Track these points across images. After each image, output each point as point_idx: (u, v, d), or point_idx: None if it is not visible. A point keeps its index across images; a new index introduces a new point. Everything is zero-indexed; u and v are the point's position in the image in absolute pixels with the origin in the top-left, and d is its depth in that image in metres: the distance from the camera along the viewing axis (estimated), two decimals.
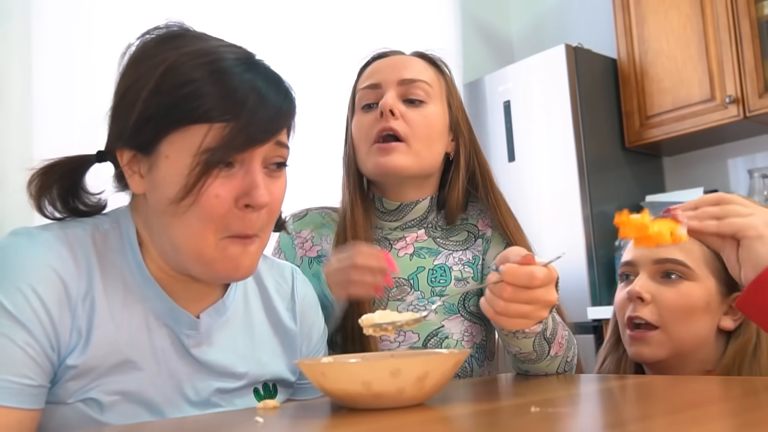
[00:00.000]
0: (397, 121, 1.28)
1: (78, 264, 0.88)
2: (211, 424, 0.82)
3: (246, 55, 0.92)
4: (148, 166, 0.89)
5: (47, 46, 2.13)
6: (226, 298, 1.01)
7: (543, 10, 4.05)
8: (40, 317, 0.83)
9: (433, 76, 1.36)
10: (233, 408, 0.99)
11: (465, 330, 1.30)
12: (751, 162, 3.26)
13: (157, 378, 0.92)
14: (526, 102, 3.30)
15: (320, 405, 0.93)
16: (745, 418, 0.71)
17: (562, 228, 3.08)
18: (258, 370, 1.02)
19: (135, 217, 0.95)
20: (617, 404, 0.90)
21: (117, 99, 0.91)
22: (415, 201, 1.36)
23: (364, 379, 0.79)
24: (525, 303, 0.95)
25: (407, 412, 0.79)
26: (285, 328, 1.08)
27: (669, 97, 3.16)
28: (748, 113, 2.92)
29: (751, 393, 0.87)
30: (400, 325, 0.95)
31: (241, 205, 0.88)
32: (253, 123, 0.86)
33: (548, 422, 0.72)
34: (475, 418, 0.81)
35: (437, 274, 1.33)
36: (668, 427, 0.66)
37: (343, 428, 0.75)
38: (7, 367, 0.81)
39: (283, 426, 0.79)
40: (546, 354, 1.11)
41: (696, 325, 1.21)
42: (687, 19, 3.11)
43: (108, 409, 0.88)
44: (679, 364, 1.23)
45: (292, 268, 1.15)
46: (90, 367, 0.87)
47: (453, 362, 0.84)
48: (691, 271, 1.21)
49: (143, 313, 0.92)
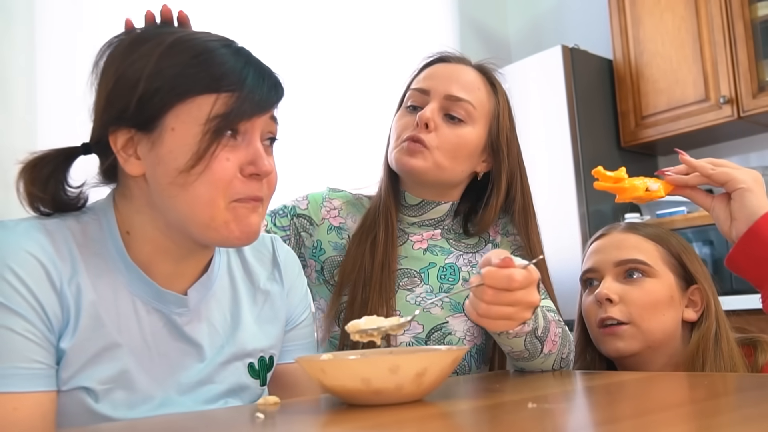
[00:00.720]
0: (429, 134, 1.29)
1: (59, 251, 0.88)
2: (211, 420, 0.82)
3: (231, 41, 0.95)
4: (150, 143, 0.89)
5: (50, 46, 2.13)
6: (211, 271, 1.01)
7: (540, 12, 4.05)
8: (29, 301, 0.83)
9: (482, 97, 1.35)
10: (224, 384, 0.99)
11: (468, 330, 1.30)
12: (745, 161, 3.26)
13: (147, 362, 0.92)
14: (524, 102, 3.29)
15: (320, 401, 0.92)
16: (744, 412, 0.71)
17: (559, 226, 3.07)
18: (244, 343, 1.02)
19: (119, 207, 0.95)
20: (613, 400, 0.90)
21: (109, 86, 0.91)
22: (436, 202, 1.37)
23: (363, 375, 0.79)
24: (506, 305, 0.95)
25: (406, 408, 0.79)
26: (268, 295, 1.09)
27: (664, 98, 3.16)
28: (742, 113, 2.92)
29: (755, 387, 0.87)
30: (385, 331, 0.95)
31: (247, 174, 0.90)
32: (257, 93, 0.90)
33: (545, 418, 0.72)
34: (473, 414, 0.81)
35: (447, 272, 1.35)
36: (665, 422, 0.66)
37: (342, 424, 0.75)
38: (14, 354, 0.82)
39: (284, 422, 0.79)
40: (539, 352, 1.12)
41: (663, 318, 1.26)
42: (682, 21, 3.11)
43: (102, 398, 0.88)
44: (650, 358, 1.27)
45: (272, 237, 1.16)
46: (79, 350, 0.87)
47: (451, 359, 0.84)
48: (651, 269, 1.28)
49: (130, 300, 0.92)
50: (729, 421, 0.68)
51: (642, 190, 1.06)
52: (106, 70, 0.93)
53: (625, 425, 0.66)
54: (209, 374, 0.98)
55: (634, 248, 1.30)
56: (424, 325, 1.29)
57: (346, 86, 2.92)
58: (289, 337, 1.12)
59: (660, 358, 1.27)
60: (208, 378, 0.97)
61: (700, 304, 1.29)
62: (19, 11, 2.02)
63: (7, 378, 0.81)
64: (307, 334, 1.16)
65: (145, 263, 0.94)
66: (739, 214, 1.04)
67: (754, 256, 1.01)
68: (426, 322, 1.29)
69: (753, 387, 0.89)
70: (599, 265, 1.32)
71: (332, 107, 2.86)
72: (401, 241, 1.37)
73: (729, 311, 1.31)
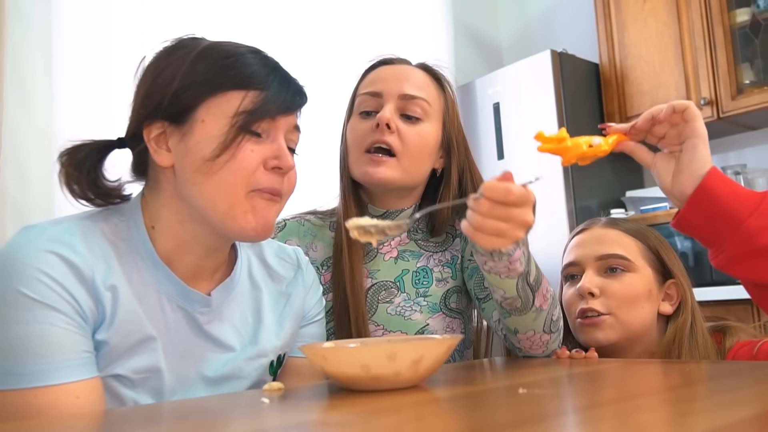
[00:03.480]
0: (392, 135, 1.25)
1: (92, 250, 0.88)
2: (219, 404, 0.82)
3: (259, 49, 0.99)
4: (181, 135, 0.91)
5: (67, 50, 2.12)
6: (233, 275, 1.02)
7: (530, 18, 4.05)
8: (65, 297, 0.83)
9: (433, 94, 1.31)
10: (247, 380, 1.00)
11: (447, 326, 1.29)
12: (724, 160, 3.26)
13: (172, 355, 0.92)
14: (514, 104, 3.30)
15: (322, 387, 0.92)
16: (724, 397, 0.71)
17: (548, 221, 3.07)
18: (266, 342, 1.03)
19: (147, 200, 0.96)
20: (597, 387, 0.90)
21: (147, 85, 0.94)
22: (399, 209, 1.33)
23: (362, 362, 0.79)
24: (501, 220, 0.90)
25: (403, 394, 0.79)
26: (289, 296, 1.10)
27: (647, 99, 3.15)
28: (722, 114, 2.92)
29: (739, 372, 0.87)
30: (383, 229, 0.93)
31: (269, 167, 0.92)
32: (282, 94, 0.94)
33: (535, 402, 0.72)
34: (467, 398, 0.81)
35: (420, 276, 1.31)
36: (646, 407, 0.66)
37: (343, 408, 0.75)
38: (63, 348, 0.82)
39: (288, 406, 0.79)
40: (531, 303, 1.08)
41: (641, 310, 1.26)
42: (664, 27, 3.11)
43: (134, 386, 0.89)
44: (627, 348, 1.27)
45: (294, 248, 1.17)
46: (117, 342, 0.87)
47: (446, 346, 0.84)
48: (631, 264, 1.27)
49: (157, 297, 0.93)
50: (705, 407, 0.67)
51: (585, 146, 1.02)
52: (146, 73, 0.96)
53: (611, 410, 0.66)
54: (232, 370, 0.98)
55: (615, 243, 1.29)
56: (407, 332, 1.26)
57: (340, 91, 2.88)
58: (302, 333, 1.13)
59: (636, 348, 1.27)
60: (232, 374, 0.98)
61: (676, 298, 1.29)
62: (37, 18, 2.01)
63: (62, 370, 0.81)
64: (319, 332, 1.17)
65: (170, 257, 0.94)
66: (688, 167, 0.98)
67: (705, 213, 0.96)
68: (408, 329, 1.26)
69: (727, 374, 0.89)
70: (581, 259, 1.31)
71: (325, 112, 2.84)
72: (371, 256, 1.32)
73: (709, 302, 1.31)
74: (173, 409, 0.83)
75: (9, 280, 0.82)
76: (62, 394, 0.81)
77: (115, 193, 0.96)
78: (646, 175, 3.49)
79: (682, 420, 0.61)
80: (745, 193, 0.96)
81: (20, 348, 0.80)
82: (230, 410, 0.76)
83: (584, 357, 1.15)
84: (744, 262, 0.95)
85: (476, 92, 3.45)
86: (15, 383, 0.80)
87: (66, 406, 0.80)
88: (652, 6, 3.16)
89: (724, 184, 0.97)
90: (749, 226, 0.93)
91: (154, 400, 0.90)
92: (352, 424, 0.65)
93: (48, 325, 0.81)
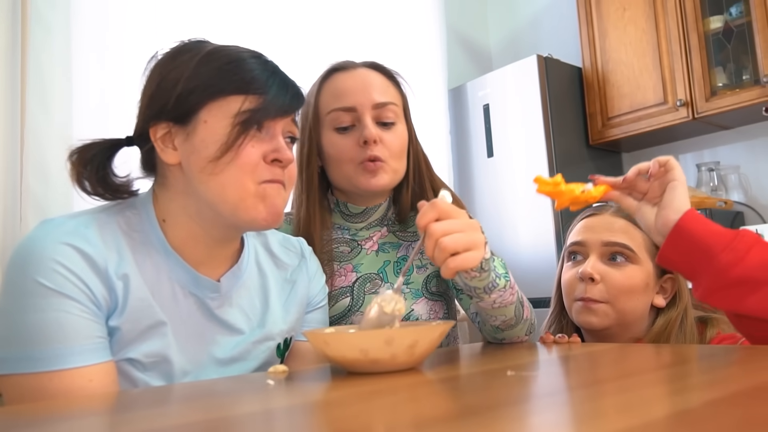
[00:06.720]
0: (378, 146, 1.22)
1: (106, 241, 0.87)
2: (226, 386, 0.81)
3: (260, 53, 0.97)
4: (185, 135, 0.90)
5: (85, 54, 2.11)
6: (241, 263, 1.01)
7: (518, 25, 4.03)
8: (79, 286, 0.82)
9: (395, 94, 1.28)
10: (255, 361, 0.99)
11: (430, 309, 1.27)
12: (699, 157, 3.26)
13: (184, 339, 0.92)
14: (503, 105, 3.29)
15: (323, 370, 0.92)
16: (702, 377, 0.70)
17: (535, 216, 3.06)
18: (272, 325, 1.02)
19: (158, 196, 0.95)
20: (591, 366, 0.89)
21: (153, 87, 0.92)
22: (377, 205, 1.32)
23: (361, 347, 0.79)
24: (454, 232, 0.88)
25: (400, 376, 0.78)
26: (294, 283, 1.09)
27: (627, 101, 3.15)
28: (696, 115, 2.92)
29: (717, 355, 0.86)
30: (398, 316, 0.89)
31: (269, 160, 0.91)
32: (280, 98, 0.92)
33: (522, 384, 0.71)
34: (459, 380, 0.80)
35: (401, 265, 1.29)
36: (644, 383, 0.65)
37: (343, 389, 0.74)
38: (77, 334, 0.81)
39: (292, 387, 0.78)
40: (522, 316, 1.12)
41: (636, 301, 1.24)
42: (643, 33, 3.10)
43: (146, 369, 0.88)
44: (618, 333, 1.26)
45: (299, 239, 1.16)
46: (129, 328, 0.86)
47: (439, 332, 0.83)
48: (634, 255, 1.24)
49: (170, 285, 0.92)
50: (700, 383, 0.67)
51: (578, 191, 1.04)
52: (151, 76, 0.94)
53: (610, 386, 0.66)
54: (241, 352, 0.97)
55: (623, 232, 1.25)
56: None
57: None
58: (307, 318, 1.12)
59: (626, 334, 1.26)
60: (241, 356, 0.97)
61: (670, 292, 1.27)
62: (57, 23, 2.00)
63: (77, 355, 0.80)
64: (322, 317, 1.16)
65: (181, 248, 0.93)
66: (670, 204, 1.00)
67: (683, 250, 0.98)
68: None
69: (720, 353, 0.89)
70: (587, 241, 1.28)
71: None
72: (355, 252, 1.30)
73: None
74: (182, 390, 0.82)
75: (27, 271, 0.81)
76: (77, 377, 0.80)
77: (124, 189, 0.95)
78: (626, 171, 3.48)
79: (681, 396, 0.61)
80: (719, 231, 0.96)
81: (37, 334, 0.79)
82: (237, 392, 0.76)
83: (567, 342, 1.14)
84: (719, 293, 0.95)
85: (467, 94, 3.44)
86: (32, 367, 0.79)
87: (80, 389, 0.80)
88: (632, 14, 3.15)
89: (699, 223, 0.98)
90: (721, 260, 0.94)
91: (165, 382, 0.90)
92: (352, 404, 0.65)
93: (63, 313, 0.80)
